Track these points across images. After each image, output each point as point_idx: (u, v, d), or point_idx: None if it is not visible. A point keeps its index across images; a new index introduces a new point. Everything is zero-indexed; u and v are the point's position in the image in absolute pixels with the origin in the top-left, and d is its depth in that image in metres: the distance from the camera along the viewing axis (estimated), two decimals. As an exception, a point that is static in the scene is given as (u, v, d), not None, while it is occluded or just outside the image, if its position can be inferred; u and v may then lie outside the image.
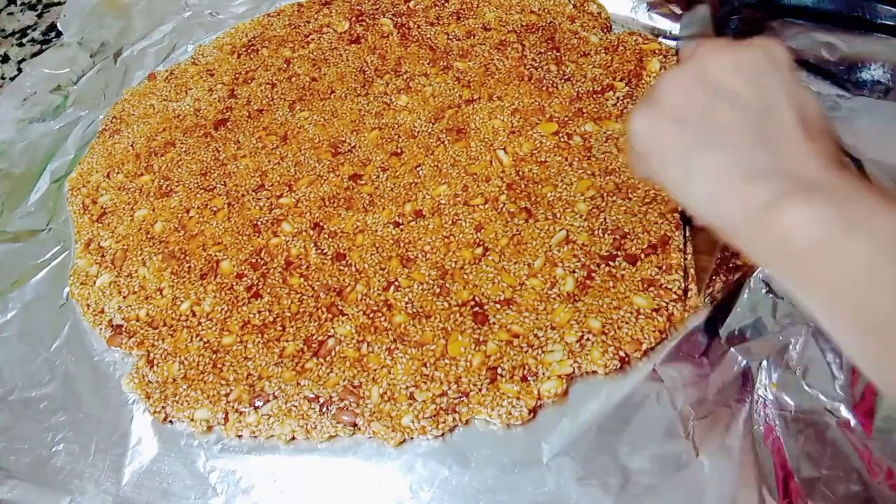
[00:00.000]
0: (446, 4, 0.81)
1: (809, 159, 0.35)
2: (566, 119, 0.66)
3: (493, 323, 0.55)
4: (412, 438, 0.51)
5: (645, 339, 0.53)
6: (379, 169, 0.66)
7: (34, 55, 0.90)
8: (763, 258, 0.36)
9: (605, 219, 0.59)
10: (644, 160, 0.41)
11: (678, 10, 0.75)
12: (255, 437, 0.53)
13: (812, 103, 0.37)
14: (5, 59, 0.91)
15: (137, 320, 0.61)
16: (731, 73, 0.38)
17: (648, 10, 0.76)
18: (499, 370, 0.53)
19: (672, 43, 0.72)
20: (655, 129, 0.39)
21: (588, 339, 0.53)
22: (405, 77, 0.74)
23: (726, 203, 0.36)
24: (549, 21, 0.76)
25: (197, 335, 0.59)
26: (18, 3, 0.98)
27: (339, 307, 0.58)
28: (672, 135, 0.38)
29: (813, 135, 0.36)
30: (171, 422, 0.55)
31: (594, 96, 0.68)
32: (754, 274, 0.55)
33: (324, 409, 0.53)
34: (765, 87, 0.37)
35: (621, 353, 0.52)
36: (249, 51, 0.82)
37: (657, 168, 0.40)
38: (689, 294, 0.54)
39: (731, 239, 0.37)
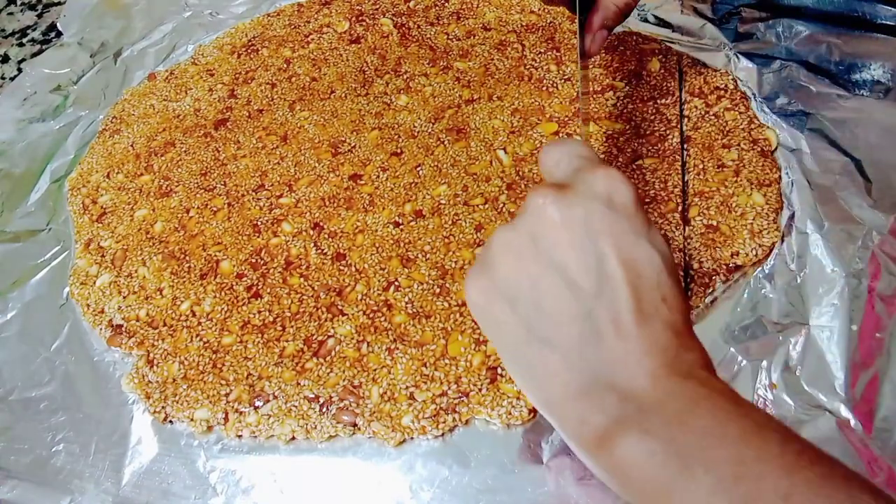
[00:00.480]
0: (446, 4, 0.81)
1: (641, 361, 0.33)
2: (566, 119, 0.66)
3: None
4: (412, 438, 0.51)
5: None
6: (379, 169, 0.67)
7: (34, 55, 0.90)
8: (604, 479, 0.34)
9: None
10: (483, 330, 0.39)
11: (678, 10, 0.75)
12: (255, 437, 0.53)
13: (651, 263, 0.35)
14: (5, 59, 0.91)
15: (137, 320, 0.61)
16: (560, 238, 0.35)
17: (648, 10, 0.76)
18: (499, 370, 0.53)
19: (672, 42, 0.72)
20: (489, 306, 0.37)
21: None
22: (405, 77, 0.74)
23: (561, 416, 0.34)
24: (549, 21, 0.76)
25: (197, 335, 0.59)
26: (18, 3, 0.98)
27: (339, 307, 0.58)
28: (506, 317, 0.36)
29: (645, 316, 0.33)
30: (171, 422, 0.55)
31: (594, 96, 0.68)
32: (754, 274, 0.55)
33: (324, 409, 0.53)
34: (598, 255, 0.34)
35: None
36: (249, 51, 0.82)
37: (495, 347, 0.38)
38: (690, 294, 0.54)
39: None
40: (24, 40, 0.93)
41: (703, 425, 0.30)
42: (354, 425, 0.52)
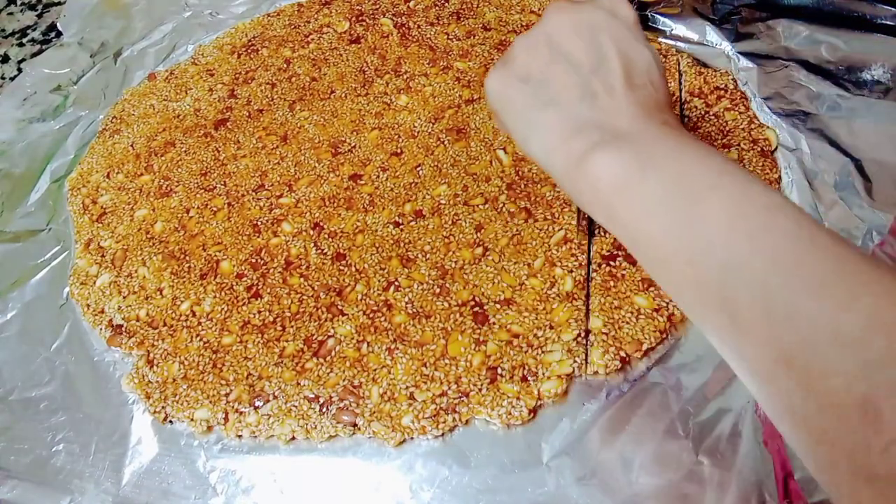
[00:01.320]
0: (446, 4, 0.81)
1: (624, 110, 0.39)
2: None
3: (493, 323, 0.55)
4: (412, 438, 0.51)
5: (645, 339, 0.53)
6: (379, 169, 0.67)
7: (34, 55, 0.90)
8: (583, 204, 0.39)
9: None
10: (497, 117, 0.45)
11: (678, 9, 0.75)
12: (255, 437, 0.53)
13: (642, 56, 0.41)
14: (5, 59, 0.91)
15: (137, 320, 0.61)
16: (570, 33, 0.41)
17: (649, 10, 0.76)
18: (499, 370, 0.53)
19: (672, 42, 0.72)
20: (505, 88, 0.43)
21: (588, 339, 0.53)
22: (405, 77, 0.74)
23: (555, 157, 0.40)
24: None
25: (197, 335, 0.59)
26: (18, 3, 0.98)
27: (339, 307, 0.58)
28: (518, 93, 0.42)
29: (634, 86, 0.40)
30: (171, 422, 0.55)
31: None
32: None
33: (324, 409, 0.53)
34: (599, 44, 0.41)
35: (622, 354, 0.52)
36: (249, 51, 0.82)
37: (507, 124, 0.43)
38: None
39: (563, 190, 0.41)
40: (24, 40, 0.93)
41: (663, 148, 0.36)
42: (354, 425, 0.52)
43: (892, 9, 0.67)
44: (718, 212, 0.33)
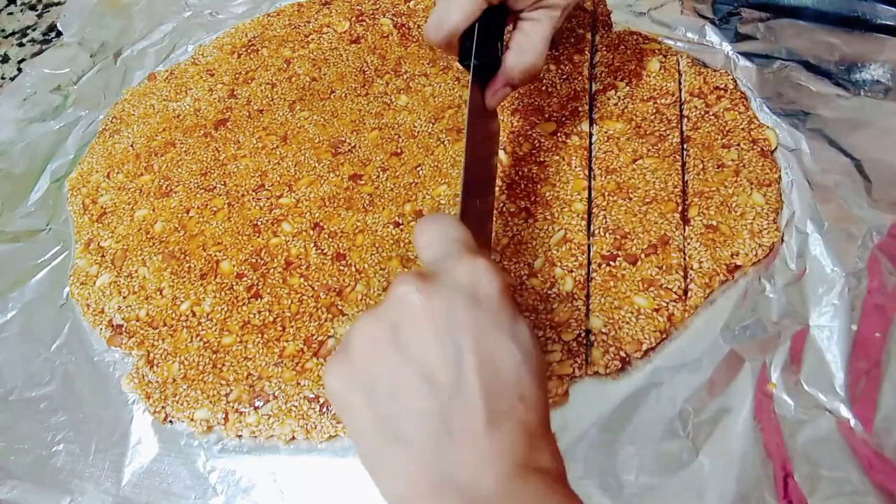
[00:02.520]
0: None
1: (487, 463, 0.33)
2: (564, 119, 0.66)
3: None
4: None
5: (646, 339, 0.53)
6: (379, 169, 0.67)
7: (34, 55, 0.90)
8: None
9: (605, 218, 0.59)
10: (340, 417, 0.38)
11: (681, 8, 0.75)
12: (255, 437, 0.53)
13: (510, 359, 0.35)
14: (5, 59, 0.91)
15: (137, 320, 0.61)
16: (422, 329, 0.34)
17: (648, 10, 0.76)
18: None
19: (672, 42, 0.72)
20: (346, 395, 0.36)
21: (588, 339, 0.53)
22: (405, 77, 0.74)
23: None
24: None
25: (197, 335, 0.59)
26: (18, 3, 0.98)
27: (339, 307, 0.58)
28: (362, 409, 0.35)
29: (499, 420, 0.33)
30: (171, 422, 0.55)
31: (594, 96, 0.68)
32: (754, 274, 0.55)
33: (324, 409, 0.53)
34: (457, 349, 0.34)
35: (622, 354, 0.52)
36: (249, 51, 0.82)
37: (351, 437, 0.39)
38: (690, 294, 0.55)
39: None
40: (25, 40, 0.93)
41: None
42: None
43: (893, 9, 0.67)
44: None
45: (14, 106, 0.81)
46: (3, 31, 0.95)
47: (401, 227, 0.62)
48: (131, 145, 0.75)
